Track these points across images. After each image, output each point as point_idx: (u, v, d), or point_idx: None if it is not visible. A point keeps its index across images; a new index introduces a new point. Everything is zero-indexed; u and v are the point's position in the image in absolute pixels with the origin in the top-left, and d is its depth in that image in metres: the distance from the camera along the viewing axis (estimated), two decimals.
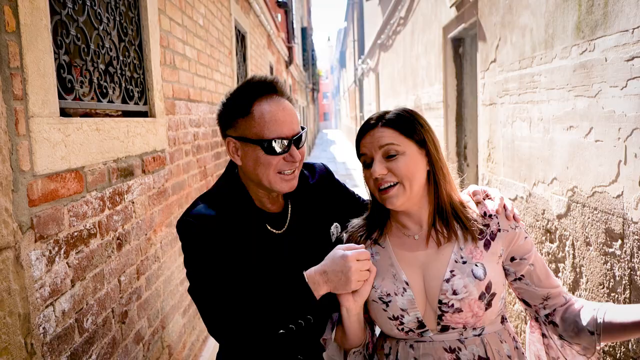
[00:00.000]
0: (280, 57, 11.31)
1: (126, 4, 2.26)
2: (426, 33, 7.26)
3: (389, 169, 1.26)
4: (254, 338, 1.27)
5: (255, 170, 1.35)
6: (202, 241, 1.30)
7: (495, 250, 1.30)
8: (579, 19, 2.72)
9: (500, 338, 1.32)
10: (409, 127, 1.28)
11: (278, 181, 1.36)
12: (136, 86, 2.36)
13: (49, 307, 1.50)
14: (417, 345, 1.29)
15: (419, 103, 7.96)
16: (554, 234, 3.09)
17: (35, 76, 1.43)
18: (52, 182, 1.54)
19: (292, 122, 1.36)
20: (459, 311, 1.24)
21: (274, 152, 1.33)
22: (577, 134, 2.72)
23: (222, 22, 4.41)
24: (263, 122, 1.32)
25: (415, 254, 1.32)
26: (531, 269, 1.33)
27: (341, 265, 1.24)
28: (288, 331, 1.27)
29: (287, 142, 1.34)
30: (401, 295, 1.28)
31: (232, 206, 1.38)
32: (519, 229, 1.33)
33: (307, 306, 1.26)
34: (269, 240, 1.40)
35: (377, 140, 1.27)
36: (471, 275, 1.25)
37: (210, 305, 1.29)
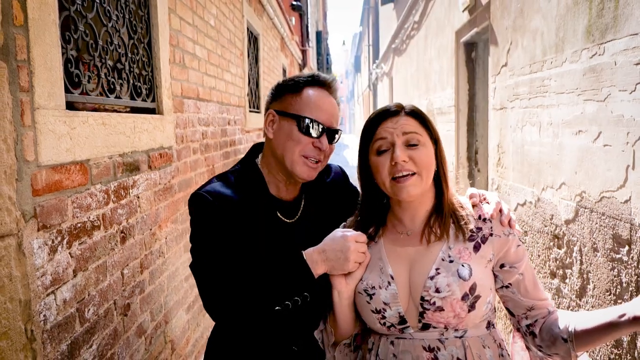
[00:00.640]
0: (294, 60, 11.37)
1: (136, 3, 2.31)
2: (439, 37, 7.25)
3: (410, 157, 1.25)
4: (249, 314, 1.29)
5: (284, 145, 1.40)
6: (211, 217, 1.33)
7: (485, 254, 1.28)
8: (589, 22, 2.71)
9: (484, 343, 1.29)
10: (428, 122, 1.32)
11: (300, 164, 1.40)
12: (144, 83, 2.40)
13: (50, 295, 1.53)
14: (397, 342, 1.28)
15: (431, 107, 7.94)
16: (561, 239, 3.05)
17: (41, 69, 1.47)
18: (57, 173, 1.57)
19: (332, 115, 1.43)
20: (441, 310, 1.23)
21: (306, 131, 1.38)
22: (586, 138, 2.69)
23: (234, 23, 4.46)
24: (308, 101, 1.40)
25: (405, 249, 1.32)
26: (520, 279, 1.32)
27: (341, 245, 1.26)
28: (284, 308, 1.27)
29: (322, 129, 1.40)
30: (385, 289, 1.27)
31: (246, 189, 1.41)
32: (513, 237, 1.31)
33: (305, 283, 1.28)
34: (278, 228, 1.43)
35: (401, 126, 1.27)
36: (456, 275, 1.24)
37: (209, 280, 1.31)
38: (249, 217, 1.38)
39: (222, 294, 1.29)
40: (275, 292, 1.28)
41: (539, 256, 3.42)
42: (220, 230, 1.33)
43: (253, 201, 1.40)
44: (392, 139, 1.26)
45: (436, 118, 7.49)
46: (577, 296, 2.83)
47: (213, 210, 1.32)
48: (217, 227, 1.33)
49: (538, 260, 3.43)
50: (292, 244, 1.41)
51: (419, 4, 8.84)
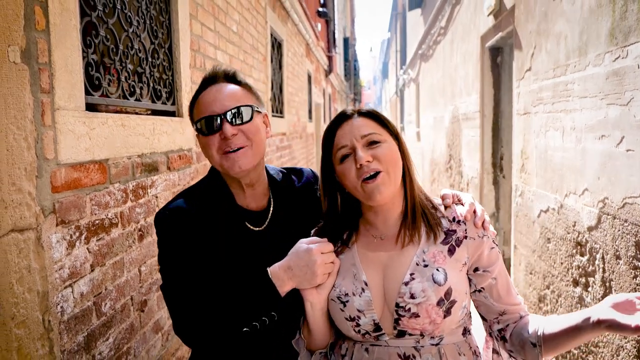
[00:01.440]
0: (320, 66, 11.44)
1: (157, 9, 2.39)
2: (465, 42, 7.19)
3: (374, 156, 1.21)
4: (217, 336, 1.25)
5: (206, 155, 1.35)
6: (174, 235, 1.29)
7: (460, 257, 1.25)
8: (612, 25, 2.66)
9: (459, 350, 1.26)
10: (384, 120, 1.28)
11: (223, 161, 1.32)
12: (164, 87, 2.47)
13: (68, 288, 1.59)
14: (372, 349, 1.25)
15: (456, 113, 7.86)
16: (584, 246, 2.99)
17: (62, 72, 1.54)
18: (76, 171, 1.64)
19: (222, 100, 1.32)
20: (416, 316, 1.19)
21: (204, 131, 1.32)
22: (609, 143, 2.64)
23: (257, 29, 4.53)
24: (197, 108, 1.34)
25: (378, 255, 1.28)
26: (492, 283, 1.29)
27: (306, 260, 1.22)
28: (252, 329, 1.24)
29: (217, 119, 1.30)
30: (359, 296, 1.23)
31: (210, 201, 1.36)
32: (487, 238, 1.27)
33: (271, 303, 1.24)
34: (247, 237, 1.38)
35: (357, 129, 1.24)
36: (431, 280, 1.20)
37: (175, 301, 1.27)
38: (215, 230, 1.33)
39: (188, 316, 1.25)
40: (242, 314, 1.24)
41: (561, 264, 3.35)
42: (182, 247, 1.29)
43: (218, 213, 1.36)
44: (352, 143, 1.23)
45: (461, 124, 7.41)
46: None
47: (175, 228, 1.29)
48: (180, 244, 1.29)
49: (560, 268, 3.36)
50: (260, 253, 1.36)
51: (445, 9, 8.79)
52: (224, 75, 1.37)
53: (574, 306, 3.13)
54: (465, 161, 7.24)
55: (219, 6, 3.30)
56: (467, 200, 1.32)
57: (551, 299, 3.59)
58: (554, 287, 3.53)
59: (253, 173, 1.37)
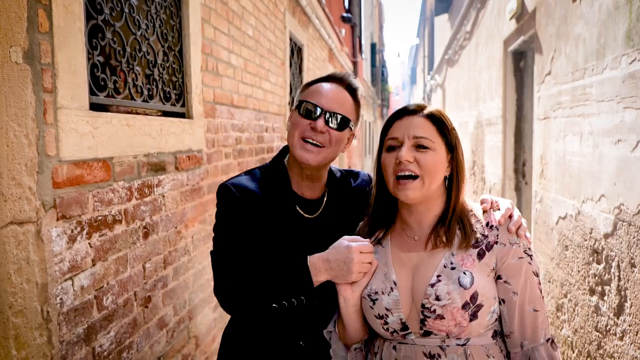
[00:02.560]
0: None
1: (167, 13, 2.45)
2: (489, 46, 7.10)
3: (416, 159, 1.25)
4: (249, 306, 1.38)
5: (289, 131, 1.48)
6: (233, 207, 1.42)
7: (489, 262, 1.25)
8: (629, 26, 2.59)
9: (488, 352, 1.25)
10: (446, 128, 1.30)
11: (299, 148, 1.44)
12: (174, 89, 2.53)
13: (68, 280, 1.65)
14: (399, 347, 1.28)
15: (480, 118, 7.75)
16: (600, 254, 2.91)
17: (65, 72, 1.61)
18: (78, 168, 1.70)
19: (333, 99, 1.46)
20: (441, 318, 1.21)
21: (303, 113, 1.44)
22: (625, 148, 2.57)
23: (275, 34, 4.59)
24: (310, 91, 1.48)
25: (410, 255, 1.31)
26: (513, 299, 1.25)
27: (344, 256, 1.28)
28: (280, 307, 1.35)
29: (318, 110, 1.43)
30: (387, 295, 1.27)
31: (270, 184, 1.49)
32: (517, 247, 1.25)
33: (302, 288, 1.32)
34: (298, 222, 1.49)
35: (414, 128, 1.27)
36: (457, 283, 1.21)
37: (220, 267, 1.41)
38: (270, 211, 1.45)
39: (229, 282, 1.39)
40: (274, 291, 1.35)
41: (578, 272, 3.27)
42: (239, 221, 1.42)
43: (275, 196, 1.48)
44: (403, 138, 1.27)
45: (484, 129, 7.30)
46: (615, 314, 2.68)
47: (235, 201, 1.42)
48: (237, 217, 1.42)
49: (578, 276, 3.28)
50: (307, 238, 1.47)
51: (471, 14, 8.70)
52: (348, 83, 1.52)
53: (590, 315, 3.04)
54: (488, 167, 7.12)
55: (234, 10, 3.36)
56: (505, 206, 1.32)
57: (568, 307, 3.50)
58: (571, 295, 3.44)
59: (316, 170, 1.50)
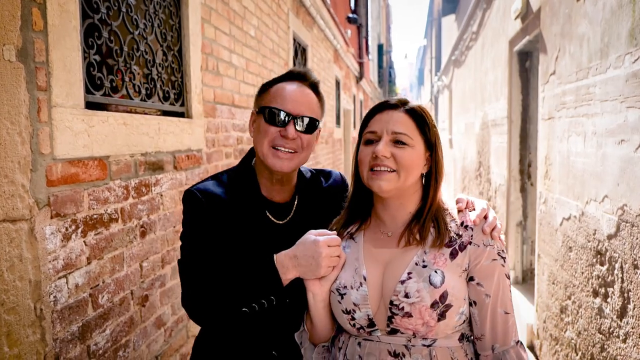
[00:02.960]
0: (350, 72, 11.45)
1: (166, 13, 2.46)
2: (494, 47, 7.06)
3: (393, 154, 1.23)
4: (218, 313, 1.31)
5: (257, 140, 1.41)
6: (198, 214, 1.36)
7: (461, 263, 1.23)
8: (632, 25, 2.56)
9: (452, 355, 1.23)
10: (426, 125, 1.27)
11: (270, 155, 1.39)
12: (173, 88, 2.54)
13: (62, 278, 1.65)
14: (364, 344, 1.26)
15: (486, 119, 7.71)
16: (604, 255, 2.87)
17: (60, 71, 1.61)
18: (73, 166, 1.71)
19: (302, 103, 1.40)
20: (409, 316, 1.19)
21: (271, 120, 1.38)
22: (628, 148, 2.54)
23: (279, 34, 4.59)
24: (275, 93, 1.40)
25: (382, 251, 1.29)
26: (486, 302, 1.23)
27: (312, 251, 1.25)
28: (251, 310, 1.29)
29: (286, 117, 1.37)
30: (356, 290, 1.25)
31: (238, 189, 1.43)
32: (491, 249, 1.23)
33: (271, 288, 1.28)
34: (267, 228, 1.44)
35: (393, 123, 1.25)
36: (427, 281, 1.20)
37: (187, 276, 1.35)
38: (238, 217, 1.40)
39: (197, 291, 1.33)
40: (242, 294, 1.30)
41: (582, 273, 3.23)
42: (205, 227, 1.36)
43: (243, 201, 1.42)
44: (381, 132, 1.25)
45: (490, 130, 7.26)
46: (618, 316, 2.65)
47: (201, 208, 1.36)
48: (203, 224, 1.36)
49: (581, 277, 3.24)
50: (278, 245, 1.39)
51: (477, 14, 8.66)
52: (311, 81, 1.46)
53: (594, 317, 3.01)
54: (493, 168, 7.08)
55: (235, 11, 3.37)
56: (480, 206, 1.30)
57: (572, 309, 3.46)
58: (575, 297, 3.40)
59: (287, 175, 1.46)
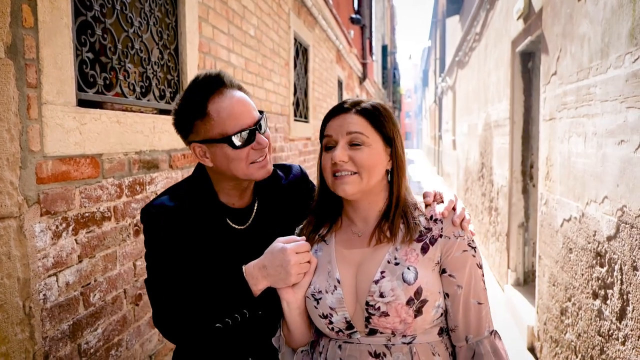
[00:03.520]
0: (353, 73, 11.43)
1: (162, 11, 2.45)
2: (497, 48, 7.03)
3: (351, 157, 1.22)
4: (191, 331, 1.29)
5: (229, 167, 1.34)
6: (157, 231, 1.33)
7: (433, 256, 1.22)
8: (632, 24, 2.54)
9: (433, 350, 1.23)
10: (381, 121, 1.26)
11: (254, 171, 1.35)
12: (169, 87, 2.53)
13: (52, 276, 1.65)
14: (345, 346, 1.24)
15: (488, 120, 7.68)
16: (603, 257, 2.85)
17: (51, 68, 1.61)
18: (64, 164, 1.70)
19: (249, 111, 1.34)
20: (386, 315, 1.18)
21: (241, 145, 1.31)
22: (628, 148, 2.51)
23: (279, 34, 4.58)
24: (222, 119, 1.30)
25: (353, 252, 1.28)
26: (458, 293, 1.23)
27: (280, 259, 1.23)
28: (225, 325, 1.27)
29: (251, 131, 1.33)
30: (331, 294, 1.23)
31: (194, 199, 1.39)
32: (461, 240, 1.22)
33: (243, 301, 1.26)
34: (229, 235, 1.40)
35: (346, 125, 1.24)
36: (400, 279, 1.19)
37: (156, 295, 1.32)
38: (197, 227, 1.36)
39: (166, 310, 1.30)
40: (214, 310, 1.27)
41: (582, 275, 3.20)
42: (165, 242, 1.33)
43: (201, 210, 1.38)
44: (337, 137, 1.24)
45: (493, 131, 7.23)
46: (617, 319, 2.62)
47: (159, 224, 1.33)
48: (162, 240, 1.33)
49: (581, 279, 3.21)
50: (241, 251, 1.38)
51: (480, 15, 8.63)
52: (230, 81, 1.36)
53: (593, 320, 2.98)
54: (496, 169, 7.04)
55: (234, 10, 3.36)
56: (448, 198, 1.29)
57: (572, 311, 3.43)
58: (575, 299, 3.37)
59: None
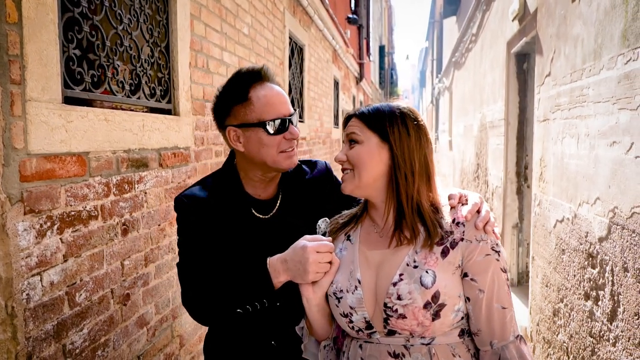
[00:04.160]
0: (349, 73, 11.42)
1: (153, 8, 2.43)
2: (493, 49, 7.04)
3: (347, 156, 1.30)
4: (215, 313, 1.42)
5: (260, 152, 1.45)
6: (189, 219, 1.45)
7: (453, 260, 1.22)
8: (625, 26, 2.54)
9: (454, 351, 1.24)
10: (375, 121, 1.29)
11: (282, 160, 1.46)
12: (160, 85, 2.51)
13: (36, 276, 1.63)
14: (365, 346, 1.27)
15: (484, 121, 7.68)
16: (595, 258, 2.85)
17: (35, 64, 1.58)
18: (49, 162, 1.68)
19: (285, 103, 1.48)
20: (403, 317, 1.20)
21: (275, 132, 1.44)
22: (619, 149, 2.51)
23: (274, 33, 4.56)
24: (262, 105, 1.43)
25: (374, 253, 1.30)
26: (479, 297, 1.22)
27: (300, 256, 1.28)
28: (245, 311, 1.37)
29: (285, 121, 1.46)
30: (352, 293, 1.27)
31: (222, 190, 1.50)
32: (484, 244, 1.22)
33: (263, 290, 1.33)
34: (254, 224, 1.50)
35: (347, 129, 1.33)
36: (418, 282, 1.20)
37: (185, 278, 1.44)
38: (224, 216, 1.47)
39: (194, 293, 1.42)
40: (237, 296, 1.37)
41: (574, 276, 3.20)
42: (196, 231, 1.44)
43: (229, 201, 1.49)
44: (345, 140, 1.35)
45: (488, 132, 7.23)
46: (609, 320, 2.62)
47: (189, 213, 1.45)
48: (194, 227, 1.45)
49: (573, 280, 3.21)
50: (265, 239, 1.47)
51: (477, 16, 8.64)
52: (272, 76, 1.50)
53: (585, 321, 2.98)
54: (491, 170, 7.05)
55: (227, 8, 3.34)
56: (472, 200, 1.28)
57: (564, 312, 3.43)
58: (567, 300, 3.37)
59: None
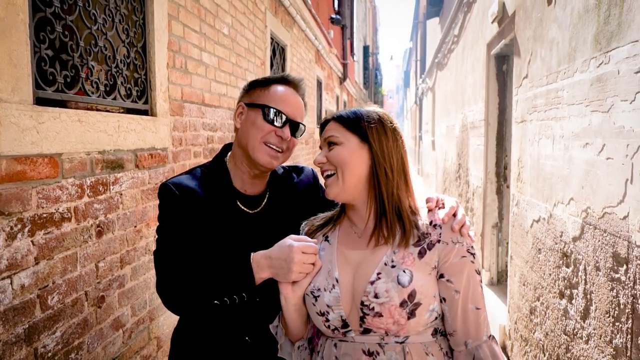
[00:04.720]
0: (333, 73, 11.43)
1: (129, 8, 2.41)
2: (474, 50, 7.12)
3: (327, 157, 1.31)
4: (190, 303, 1.39)
5: (248, 133, 1.49)
6: (172, 206, 1.43)
7: (429, 261, 1.25)
8: (597, 29, 2.59)
9: (427, 350, 1.26)
10: (353, 122, 1.31)
11: (261, 151, 1.48)
12: (136, 85, 2.49)
13: (6, 279, 1.60)
14: (340, 345, 1.29)
15: (465, 122, 7.76)
16: (569, 257, 2.90)
17: (5, 65, 1.56)
18: (20, 164, 1.66)
19: (297, 109, 1.54)
20: (379, 315, 1.22)
21: (270, 119, 1.48)
22: (592, 151, 2.57)
23: (255, 33, 4.55)
24: (274, 94, 1.50)
25: (353, 253, 1.32)
26: (455, 298, 1.25)
27: (285, 255, 1.29)
28: (222, 304, 1.36)
29: (285, 119, 1.49)
30: (329, 292, 1.28)
31: (211, 182, 1.51)
32: (460, 246, 1.25)
33: (244, 284, 1.33)
34: (239, 218, 1.51)
35: (325, 133, 1.34)
36: (395, 281, 1.22)
37: (162, 265, 1.42)
38: (210, 207, 1.47)
39: (170, 280, 1.39)
40: (215, 287, 1.36)
41: (550, 275, 3.26)
42: (180, 219, 1.43)
43: (215, 193, 1.50)
44: (323, 145, 1.36)
45: (469, 132, 7.31)
46: (582, 318, 2.68)
47: (175, 200, 1.43)
48: (178, 216, 1.43)
49: (549, 279, 3.27)
50: (249, 233, 1.49)
51: (459, 17, 8.72)
52: (302, 92, 1.60)
53: (560, 319, 3.03)
54: (472, 170, 7.13)
55: (207, 8, 3.33)
56: (449, 204, 1.32)
57: (540, 311, 3.49)
58: (543, 299, 3.43)
59: (267, 170, 1.57)
